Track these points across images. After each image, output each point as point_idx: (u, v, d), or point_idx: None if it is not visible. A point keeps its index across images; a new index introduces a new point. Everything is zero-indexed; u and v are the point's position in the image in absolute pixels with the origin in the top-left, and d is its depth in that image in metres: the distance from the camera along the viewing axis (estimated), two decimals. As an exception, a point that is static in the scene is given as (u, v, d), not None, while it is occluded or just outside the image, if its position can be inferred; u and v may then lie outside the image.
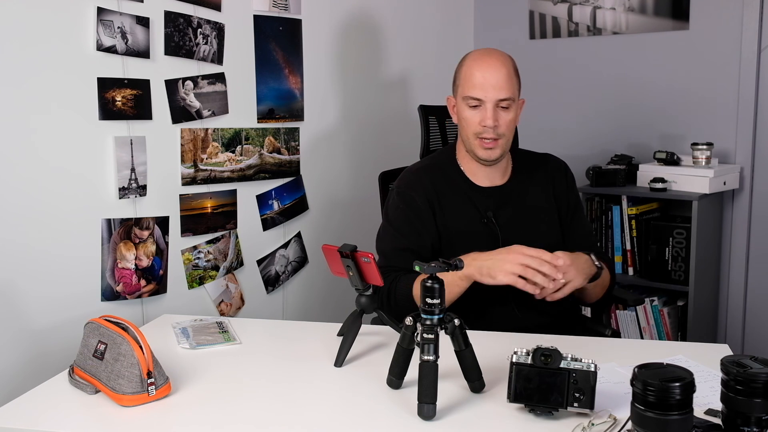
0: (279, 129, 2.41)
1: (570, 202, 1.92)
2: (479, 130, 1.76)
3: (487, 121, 1.73)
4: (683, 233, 2.68)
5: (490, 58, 1.76)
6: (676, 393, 0.99)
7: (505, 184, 1.88)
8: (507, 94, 1.74)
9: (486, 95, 1.73)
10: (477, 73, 1.75)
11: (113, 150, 1.93)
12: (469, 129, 1.78)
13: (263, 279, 2.42)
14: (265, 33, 2.33)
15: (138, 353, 1.35)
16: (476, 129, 1.76)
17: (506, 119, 1.76)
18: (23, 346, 1.78)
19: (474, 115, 1.76)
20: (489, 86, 1.73)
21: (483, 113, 1.74)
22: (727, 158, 2.86)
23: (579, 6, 3.12)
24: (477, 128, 1.76)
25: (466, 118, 1.78)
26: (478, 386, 1.36)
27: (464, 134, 1.82)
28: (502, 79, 1.73)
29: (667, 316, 2.80)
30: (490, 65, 1.74)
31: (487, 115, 1.73)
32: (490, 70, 1.74)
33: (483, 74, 1.74)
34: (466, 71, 1.78)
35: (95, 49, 1.86)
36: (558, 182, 1.92)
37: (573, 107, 3.20)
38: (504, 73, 1.74)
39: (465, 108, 1.78)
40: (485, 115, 1.74)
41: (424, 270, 1.28)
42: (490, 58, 1.76)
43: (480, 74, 1.74)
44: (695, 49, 2.88)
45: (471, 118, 1.77)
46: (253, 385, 1.44)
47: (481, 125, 1.75)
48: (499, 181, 1.88)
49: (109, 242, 1.94)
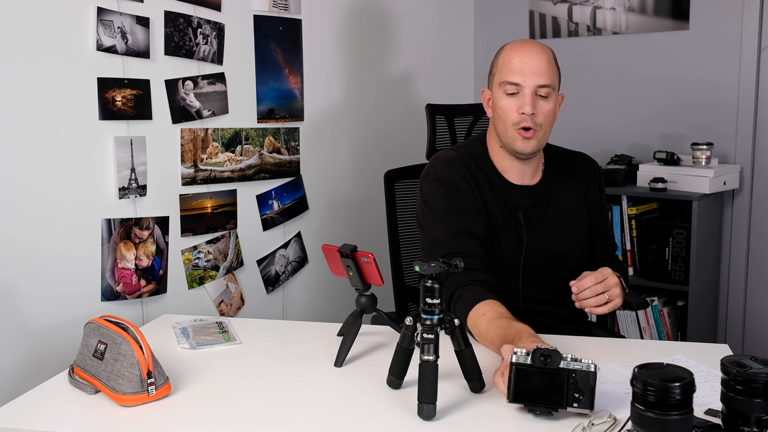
0: (279, 129, 2.41)
1: (602, 206, 1.85)
2: (517, 119, 1.65)
3: (526, 108, 1.63)
4: (683, 233, 2.68)
5: (529, 44, 1.69)
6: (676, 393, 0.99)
7: (537, 183, 1.78)
8: (547, 80, 1.64)
9: (525, 80, 1.64)
10: (516, 58, 1.66)
11: (113, 150, 1.93)
12: (507, 119, 1.67)
13: (263, 279, 2.42)
14: (265, 33, 2.33)
15: (138, 353, 1.35)
16: (514, 118, 1.66)
17: (545, 109, 1.66)
18: (23, 346, 1.78)
19: (512, 103, 1.66)
20: (528, 71, 1.64)
21: (521, 100, 1.64)
22: (727, 158, 2.86)
23: (579, 6, 3.12)
24: (515, 117, 1.66)
25: (503, 107, 1.68)
26: (478, 386, 1.36)
27: (501, 126, 1.70)
28: (543, 65, 1.64)
29: (667, 316, 2.80)
30: (529, 50, 1.66)
31: (525, 101, 1.63)
32: (529, 55, 1.65)
33: (522, 59, 1.65)
34: (504, 58, 1.69)
35: (95, 49, 1.86)
36: (591, 186, 1.84)
37: (573, 107, 3.18)
38: (545, 60, 1.65)
39: (502, 96, 1.68)
40: (524, 101, 1.64)
41: (425, 270, 1.28)
42: (530, 44, 1.69)
43: (519, 59, 1.65)
44: (695, 49, 2.88)
45: (508, 106, 1.67)
46: (253, 385, 1.44)
47: (519, 113, 1.65)
48: (530, 180, 1.78)
49: (109, 242, 1.94)
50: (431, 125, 2.28)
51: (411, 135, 2.94)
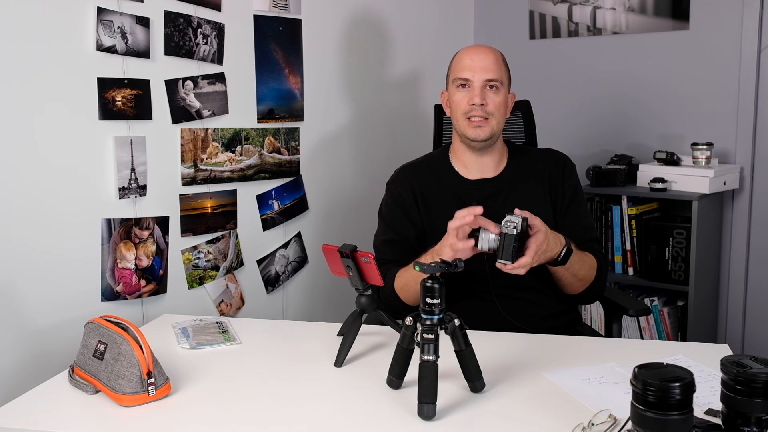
0: (279, 129, 2.41)
1: (566, 193, 1.88)
2: (467, 109, 1.79)
3: (475, 99, 1.77)
4: (683, 233, 2.68)
5: (479, 46, 1.86)
6: (676, 393, 0.98)
7: (496, 176, 1.88)
8: (494, 75, 1.78)
9: (474, 75, 1.78)
10: (466, 57, 1.82)
11: (113, 150, 1.93)
12: (459, 110, 1.82)
13: (263, 279, 2.42)
14: (265, 33, 2.33)
15: (138, 353, 1.35)
16: (465, 108, 1.80)
17: (495, 100, 1.79)
18: (23, 346, 1.79)
19: (463, 96, 1.80)
20: (477, 67, 1.79)
21: (471, 92, 1.79)
22: (727, 158, 2.86)
23: (579, 6, 3.12)
24: (465, 107, 1.80)
25: (455, 101, 1.82)
26: (478, 386, 1.36)
27: (454, 117, 1.85)
28: (490, 62, 1.79)
29: (667, 316, 2.80)
30: (478, 51, 1.83)
31: (475, 92, 1.78)
32: (478, 54, 1.81)
33: (471, 58, 1.81)
34: (456, 59, 1.86)
35: (95, 49, 1.86)
36: (554, 174, 1.89)
37: (573, 107, 3.20)
38: (492, 58, 1.80)
39: (455, 92, 1.82)
40: (473, 94, 1.78)
41: (424, 270, 1.28)
42: (480, 46, 1.87)
43: (468, 58, 1.81)
44: (695, 49, 2.88)
45: (460, 99, 1.81)
46: (253, 385, 1.44)
47: (469, 104, 1.79)
48: (490, 174, 1.88)
49: (109, 242, 1.94)
50: (437, 125, 2.27)
51: (411, 135, 2.94)
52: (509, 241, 1.51)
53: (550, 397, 1.34)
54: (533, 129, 2.28)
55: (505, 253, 1.52)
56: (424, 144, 2.45)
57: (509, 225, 1.51)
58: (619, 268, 2.89)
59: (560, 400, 1.33)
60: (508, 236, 1.51)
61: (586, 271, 1.78)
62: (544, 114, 3.19)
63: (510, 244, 1.51)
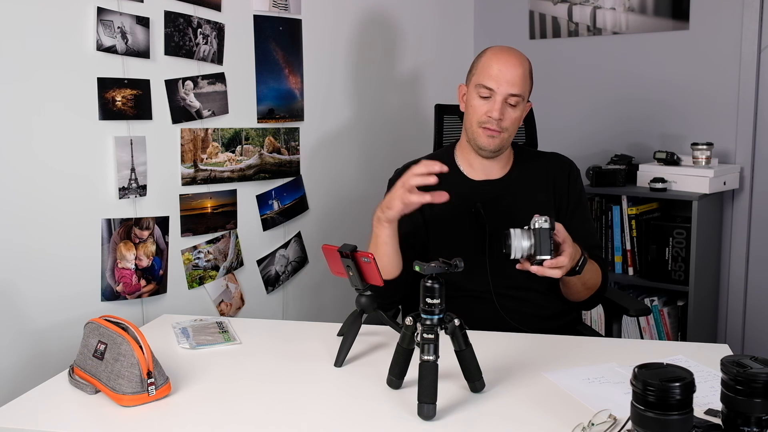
0: (279, 129, 2.41)
1: (570, 198, 1.90)
2: (484, 119, 1.78)
3: (494, 113, 1.76)
4: (683, 233, 2.68)
5: (509, 55, 1.80)
6: (676, 393, 0.98)
7: (501, 177, 1.88)
8: (518, 90, 1.76)
9: (498, 87, 1.76)
10: (495, 65, 1.78)
11: (113, 150, 1.93)
12: (474, 117, 1.80)
13: (263, 279, 2.42)
14: (265, 33, 2.33)
15: (138, 353, 1.35)
16: (481, 118, 1.78)
17: (512, 116, 1.78)
18: (23, 346, 1.79)
19: (482, 105, 1.78)
20: (503, 80, 1.75)
21: (491, 104, 1.77)
22: (727, 158, 2.86)
23: (579, 6, 3.12)
24: (482, 117, 1.78)
25: (474, 106, 1.80)
26: (478, 386, 1.36)
27: (468, 121, 1.83)
28: (518, 77, 1.76)
29: (667, 316, 2.80)
30: (508, 60, 1.78)
31: (495, 107, 1.76)
32: (507, 65, 1.77)
33: (500, 67, 1.77)
34: (484, 61, 1.81)
35: (95, 49, 1.86)
36: (559, 178, 1.90)
37: (573, 107, 3.20)
38: (520, 72, 1.77)
39: (475, 96, 1.80)
40: (493, 107, 1.76)
41: (425, 270, 1.28)
42: (510, 54, 1.80)
43: (497, 67, 1.77)
44: (695, 49, 2.88)
45: (479, 107, 1.79)
46: (253, 385, 1.44)
47: (486, 115, 1.77)
48: (495, 175, 1.89)
49: (109, 242, 1.94)
50: (438, 125, 2.27)
51: (411, 135, 2.94)
52: (545, 235, 1.47)
53: (550, 397, 1.34)
54: (534, 129, 2.28)
55: (543, 248, 1.47)
56: (425, 144, 2.45)
57: (540, 220, 1.48)
58: (619, 268, 2.89)
59: (560, 400, 1.33)
60: (543, 230, 1.47)
61: (594, 279, 1.80)
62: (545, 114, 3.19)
63: (546, 238, 1.47)
